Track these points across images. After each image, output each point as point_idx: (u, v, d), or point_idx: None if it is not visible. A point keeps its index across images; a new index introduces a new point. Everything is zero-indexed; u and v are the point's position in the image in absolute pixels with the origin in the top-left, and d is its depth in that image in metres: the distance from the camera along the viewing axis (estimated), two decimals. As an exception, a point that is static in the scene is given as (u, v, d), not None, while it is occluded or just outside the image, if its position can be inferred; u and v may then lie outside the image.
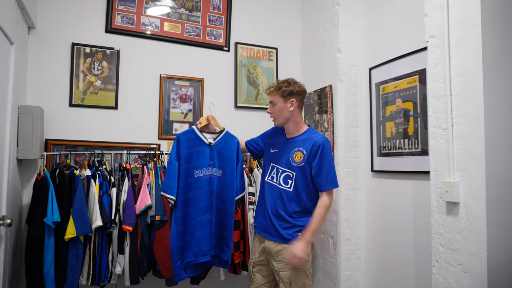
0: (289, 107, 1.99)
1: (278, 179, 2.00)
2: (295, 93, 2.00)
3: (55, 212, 2.14)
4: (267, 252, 1.99)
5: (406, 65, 2.44)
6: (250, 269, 2.07)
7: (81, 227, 2.16)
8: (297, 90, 2.01)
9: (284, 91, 1.98)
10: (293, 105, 2.00)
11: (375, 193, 2.75)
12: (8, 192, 2.00)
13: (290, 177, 1.97)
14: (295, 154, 1.98)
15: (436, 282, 1.86)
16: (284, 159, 2.01)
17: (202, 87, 3.08)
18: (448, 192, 1.78)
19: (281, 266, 1.93)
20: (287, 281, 1.91)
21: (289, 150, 2.01)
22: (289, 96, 1.99)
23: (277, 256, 1.95)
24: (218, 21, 3.19)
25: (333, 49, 2.94)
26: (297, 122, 2.05)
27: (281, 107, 2.00)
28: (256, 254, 2.04)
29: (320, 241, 3.03)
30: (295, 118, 2.04)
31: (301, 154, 1.96)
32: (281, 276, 1.93)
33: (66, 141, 2.65)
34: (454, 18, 1.80)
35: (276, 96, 2.01)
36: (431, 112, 1.93)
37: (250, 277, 2.07)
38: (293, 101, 1.99)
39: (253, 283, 2.04)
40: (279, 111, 2.01)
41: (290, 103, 1.99)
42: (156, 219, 2.39)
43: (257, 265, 2.03)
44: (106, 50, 2.80)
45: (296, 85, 2.03)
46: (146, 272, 2.44)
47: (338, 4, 2.89)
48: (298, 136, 2.04)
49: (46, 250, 2.15)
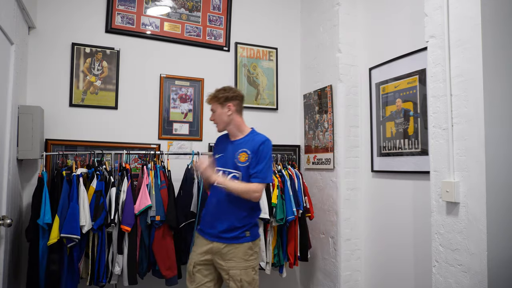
0: (227, 112, 2.10)
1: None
2: (231, 98, 2.11)
3: (47, 213, 2.13)
4: (213, 253, 2.04)
5: (406, 65, 2.44)
6: (190, 269, 2.11)
7: (66, 228, 2.12)
8: (232, 95, 2.12)
9: (220, 98, 2.10)
10: (230, 110, 2.10)
11: (375, 193, 2.75)
12: (8, 192, 2.00)
13: (237, 177, 2.05)
14: (240, 155, 2.07)
15: (436, 282, 1.86)
16: (230, 161, 2.10)
17: (202, 87, 3.08)
18: (448, 192, 1.78)
19: (232, 265, 2.00)
20: (238, 279, 1.99)
21: (234, 151, 2.10)
22: (225, 102, 2.10)
23: (227, 256, 2.01)
24: (218, 21, 3.19)
25: (333, 49, 2.94)
26: (238, 125, 2.14)
27: (220, 112, 2.11)
28: (199, 254, 2.08)
29: (320, 241, 3.03)
30: (235, 122, 2.13)
31: (246, 154, 2.06)
32: (231, 274, 2.00)
33: (66, 141, 2.64)
34: (454, 18, 1.80)
35: (214, 103, 2.13)
36: (431, 112, 1.93)
37: (190, 276, 2.10)
38: (230, 106, 2.10)
39: (193, 283, 2.08)
40: (218, 116, 2.13)
41: (227, 108, 2.10)
42: (156, 219, 2.39)
43: (198, 265, 2.08)
44: (106, 50, 2.80)
45: (231, 91, 2.14)
46: (146, 272, 2.44)
47: (338, 4, 2.89)
48: (241, 138, 2.14)
49: (41, 251, 2.15)
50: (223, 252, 2.01)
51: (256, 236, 2.09)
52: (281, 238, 2.76)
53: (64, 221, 2.14)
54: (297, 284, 3.31)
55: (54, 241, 2.11)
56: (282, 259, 2.76)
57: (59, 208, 2.17)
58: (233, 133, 2.15)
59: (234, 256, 2.00)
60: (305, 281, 3.24)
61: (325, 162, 3.00)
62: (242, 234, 2.03)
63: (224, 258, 2.01)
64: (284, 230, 2.77)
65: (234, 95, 2.12)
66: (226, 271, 2.01)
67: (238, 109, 2.13)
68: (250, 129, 2.18)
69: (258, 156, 2.03)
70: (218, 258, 2.03)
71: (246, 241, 2.03)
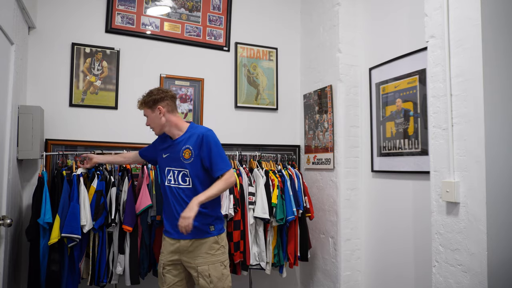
0: (159, 114, 2.07)
1: (176, 179, 2.07)
2: (159, 100, 2.07)
3: (47, 213, 2.13)
4: (180, 252, 2.04)
5: (406, 65, 2.44)
6: (160, 271, 2.11)
7: (67, 227, 2.13)
8: (159, 97, 2.07)
9: (148, 102, 2.07)
10: (161, 112, 2.07)
11: (375, 193, 2.75)
12: (8, 192, 1.99)
13: (186, 174, 2.05)
14: (183, 152, 2.06)
15: (436, 282, 1.86)
16: (176, 159, 2.08)
17: (202, 87, 3.08)
18: (448, 192, 1.78)
19: (199, 261, 2.00)
20: (206, 274, 1.99)
21: (178, 150, 2.08)
22: (154, 105, 2.06)
23: (193, 253, 2.01)
24: (218, 21, 3.19)
25: (333, 49, 2.94)
26: (175, 125, 2.11)
27: (152, 116, 2.09)
28: (166, 255, 2.08)
29: (320, 241, 3.03)
30: (171, 122, 2.10)
31: (189, 150, 2.05)
32: (199, 270, 1.99)
33: (66, 141, 2.64)
34: (454, 18, 1.80)
35: (144, 109, 2.10)
36: (431, 112, 1.93)
37: (161, 278, 2.11)
38: (160, 108, 2.07)
39: (165, 284, 2.08)
40: (152, 121, 2.10)
41: (158, 110, 2.07)
42: (157, 219, 2.39)
43: (167, 266, 2.08)
44: (106, 50, 2.80)
45: (158, 93, 2.09)
46: (147, 272, 2.44)
47: (338, 4, 2.89)
48: (182, 136, 2.11)
49: (42, 251, 2.15)
50: (189, 249, 2.01)
51: (221, 230, 2.09)
52: (281, 238, 2.77)
53: (64, 221, 2.14)
54: (297, 284, 3.31)
55: (55, 241, 2.11)
56: (282, 259, 2.76)
57: (59, 207, 2.18)
58: (173, 133, 2.12)
59: (201, 252, 2.00)
60: (305, 281, 3.24)
61: (325, 162, 3.00)
62: (206, 228, 2.01)
63: (191, 255, 2.01)
64: (284, 230, 2.77)
65: (162, 97, 2.07)
66: (195, 268, 2.00)
67: (169, 109, 2.09)
68: (188, 123, 2.15)
69: (205, 150, 2.01)
70: (185, 257, 2.03)
71: (212, 235, 2.03)
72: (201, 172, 2.04)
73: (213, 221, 2.05)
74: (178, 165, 2.06)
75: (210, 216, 2.04)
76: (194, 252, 2.01)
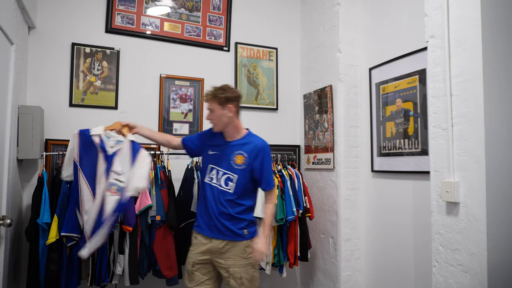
0: (227, 113, 2.05)
1: (218, 180, 2.06)
2: (232, 99, 2.06)
3: (46, 213, 2.13)
4: (212, 252, 2.04)
5: (406, 65, 2.44)
6: (189, 268, 2.11)
7: (66, 227, 2.13)
8: (233, 96, 2.07)
9: (221, 98, 2.04)
10: (231, 111, 2.05)
11: (375, 193, 2.75)
12: (8, 192, 2.00)
13: (231, 179, 2.04)
14: (236, 157, 2.05)
15: (436, 282, 1.86)
16: (224, 161, 2.07)
17: (202, 87, 3.08)
18: (448, 192, 1.78)
19: (231, 263, 2.01)
20: (238, 276, 1.99)
21: (230, 153, 2.07)
22: (226, 103, 2.04)
23: (225, 254, 2.02)
24: (218, 21, 3.19)
25: (333, 49, 2.94)
26: (236, 126, 2.11)
27: (220, 113, 2.05)
28: (197, 254, 2.08)
29: (320, 241, 3.03)
30: (235, 123, 2.10)
31: (243, 157, 2.05)
32: (231, 272, 2.00)
33: (66, 141, 2.62)
34: (454, 18, 1.80)
35: (213, 103, 2.06)
36: (431, 112, 1.93)
37: (189, 275, 2.11)
38: (231, 107, 2.05)
39: (193, 281, 2.08)
40: (218, 117, 2.06)
41: (228, 109, 2.04)
42: (157, 219, 2.39)
43: (196, 264, 2.08)
44: (106, 50, 2.80)
45: (231, 91, 2.08)
46: (146, 272, 2.44)
47: (338, 4, 2.89)
48: (238, 140, 2.10)
49: (41, 251, 2.15)
50: (221, 251, 2.02)
51: (254, 234, 2.09)
52: (281, 238, 2.76)
53: (63, 221, 2.14)
54: (297, 284, 3.31)
55: (53, 241, 2.11)
56: (282, 259, 2.76)
57: (57, 207, 2.18)
58: (230, 134, 2.11)
59: (233, 254, 2.01)
60: (305, 281, 3.24)
61: (325, 162, 3.00)
62: (240, 232, 2.03)
63: (222, 256, 2.02)
64: (284, 230, 2.77)
65: (235, 96, 2.07)
66: (226, 269, 2.01)
67: (237, 110, 2.09)
68: (247, 130, 2.15)
69: (259, 162, 2.04)
70: (216, 257, 2.04)
71: (245, 239, 2.04)
72: (248, 181, 2.06)
73: (246, 225, 2.06)
74: (225, 167, 2.06)
75: (244, 220, 2.05)
76: (226, 253, 2.02)
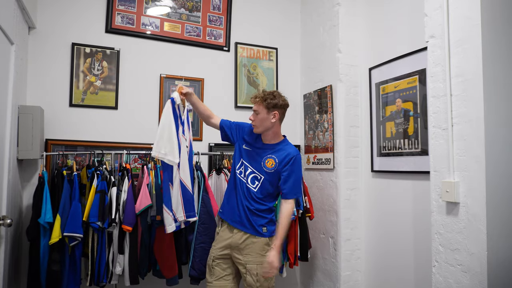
0: (271, 118, 2.10)
1: (246, 176, 2.15)
2: (279, 107, 2.10)
3: (48, 212, 2.13)
4: (232, 247, 2.12)
5: (406, 65, 2.44)
6: (209, 263, 2.18)
7: (69, 227, 2.13)
8: (281, 103, 2.11)
9: (269, 103, 2.08)
10: (275, 117, 2.10)
11: (375, 193, 2.75)
12: (8, 192, 2.00)
13: (258, 179, 2.12)
14: (267, 160, 2.12)
15: (436, 282, 1.86)
16: (255, 161, 2.15)
17: (202, 87, 3.08)
18: (448, 192, 1.78)
19: (248, 259, 2.07)
20: (254, 273, 2.06)
21: (263, 154, 2.14)
22: (273, 109, 2.09)
23: (244, 250, 2.08)
24: (218, 21, 3.19)
25: (333, 49, 2.94)
26: (275, 132, 2.17)
27: (264, 117, 2.10)
28: (218, 249, 2.16)
29: (320, 241, 3.03)
30: (275, 129, 2.15)
31: (273, 161, 2.11)
32: (248, 268, 2.07)
33: (66, 141, 2.64)
34: (454, 18, 1.80)
35: (260, 106, 2.10)
36: (431, 112, 1.93)
37: (210, 270, 2.17)
38: (276, 113, 2.10)
39: (213, 276, 2.15)
40: (261, 120, 2.11)
41: (273, 115, 2.09)
42: (157, 219, 2.38)
43: (217, 259, 2.16)
44: (106, 50, 2.80)
45: (280, 99, 2.12)
46: (146, 272, 2.44)
47: (338, 4, 2.89)
48: (273, 145, 2.17)
49: (42, 251, 2.15)
50: (241, 246, 2.09)
51: (273, 233, 2.15)
52: (281, 238, 2.76)
53: (66, 220, 2.14)
54: (297, 284, 3.31)
55: (56, 240, 2.11)
56: (282, 259, 2.75)
57: (60, 207, 2.18)
58: (268, 138, 2.18)
59: (252, 251, 2.08)
60: (305, 281, 3.24)
61: (325, 162, 3.00)
62: (259, 229, 2.09)
63: (241, 252, 2.09)
64: (284, 230, 2.77)
65: (282, 104, 2.12)
66: (244, 265, 2.08)
67: (281, 118, 2.15)
68: (283, 137, 2.22)
69: (288, 170, 2.09)
70: (235, 253, 2.11)
71: (264, 236, 2.10)
72: (274, 185, 2.13)
73: (266, 223, 2.12)
74: (255, 167, 2.14)
75: (264, 218, 2.12)
76: (245, 249, 2.08)
